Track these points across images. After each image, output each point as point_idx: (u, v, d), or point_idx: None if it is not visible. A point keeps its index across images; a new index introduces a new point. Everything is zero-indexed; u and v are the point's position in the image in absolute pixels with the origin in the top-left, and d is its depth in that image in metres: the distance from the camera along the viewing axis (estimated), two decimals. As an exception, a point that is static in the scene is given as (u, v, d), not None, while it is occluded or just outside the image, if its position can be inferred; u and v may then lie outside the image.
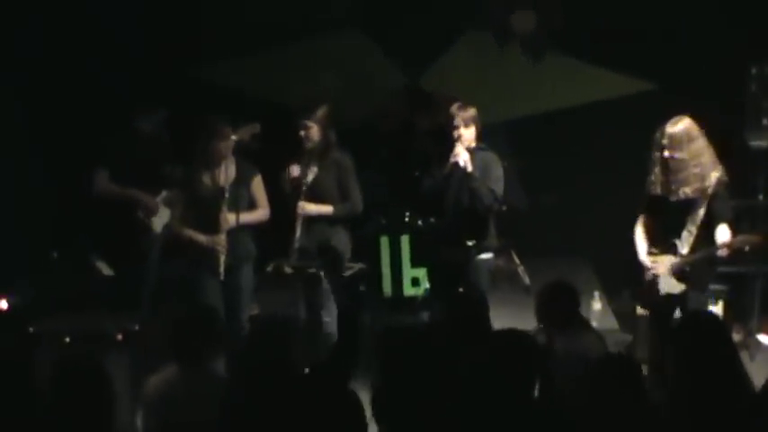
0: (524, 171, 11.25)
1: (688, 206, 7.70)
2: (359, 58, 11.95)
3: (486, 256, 8.34)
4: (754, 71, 9.83)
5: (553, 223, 11.55)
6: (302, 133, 8.31)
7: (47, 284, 9.83)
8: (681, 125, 7.68)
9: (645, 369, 8.06)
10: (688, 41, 10.97)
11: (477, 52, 11.94)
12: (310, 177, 8.31)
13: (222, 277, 7.99)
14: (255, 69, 11.91)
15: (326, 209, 8.36)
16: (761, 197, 9.85)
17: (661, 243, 7.91)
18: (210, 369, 5.86)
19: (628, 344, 9.44)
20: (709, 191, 7.63)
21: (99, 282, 9.49)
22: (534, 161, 11.25)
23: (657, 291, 7.86)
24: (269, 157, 8.23)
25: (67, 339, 8.94)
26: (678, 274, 7.77)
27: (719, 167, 7.68)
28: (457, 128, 8.22)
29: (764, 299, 9.55)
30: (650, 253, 7.93)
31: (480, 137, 8.34)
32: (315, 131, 8.30)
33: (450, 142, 8.26)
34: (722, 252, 7.61)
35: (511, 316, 9.38)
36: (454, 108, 8.30)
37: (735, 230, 7.68)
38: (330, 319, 8.33)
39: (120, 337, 8.69)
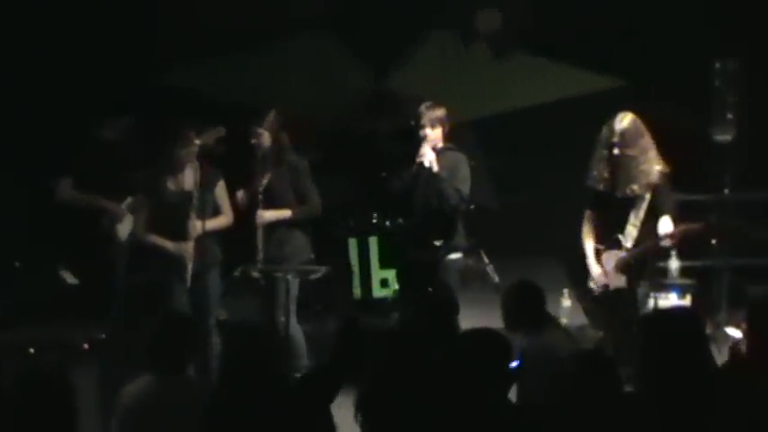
0: (493, 170, 11.26)
1: (632, 201, 7.75)
2: (326, 59, 11.94)
3: (454, 255, 8.33)
4: (718, 66, 9.86)
5: (523, 222, 11.54)
6: (253, 141, 8.29)
7: (11, 294, 9.76)
8: (628, 121, 7.73)
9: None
10: (653, 38, 11.00)
11: (444, 52, 11.94)
12: (264, 183, 8.30)
13: (189, 284, 7.95)
14: (223, 72, 11.88)
15: (284, 213, 8.35)
16: (727, 191, 9.86)
17: (607, 239, 7.96)
18: (185, 377, 5.81)
19: (598, 340, 9.44)
20: (653, 185, 7.68)
21: (64, 291, 9.42)
22: (503, 160, 11.24)
23: (607, 287, 7.91)
24: (236, 160, 8.20)
25: (32, 350, 8.88)
26: (623, 267, 7.81)
27: (661, 161, 7.73)
28: (423, 128, 8.21)
29: (732, 292, 9.58)
30: (597, 250, 7.97)
31: (448, 137, 8.32)
32: (266, 138, 8.30)
33: (417, 143, 8.25)
34: (666, 243, 7.69)
35: (481, 315, 9.35)
36: (422, 108, 8.29)
37: (677, 222, 7.76)
38: (295, 324, 8.33)
39: (86, 346, 8.63)
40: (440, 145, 8.26)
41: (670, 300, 8.95)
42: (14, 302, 9.69)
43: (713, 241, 8.04)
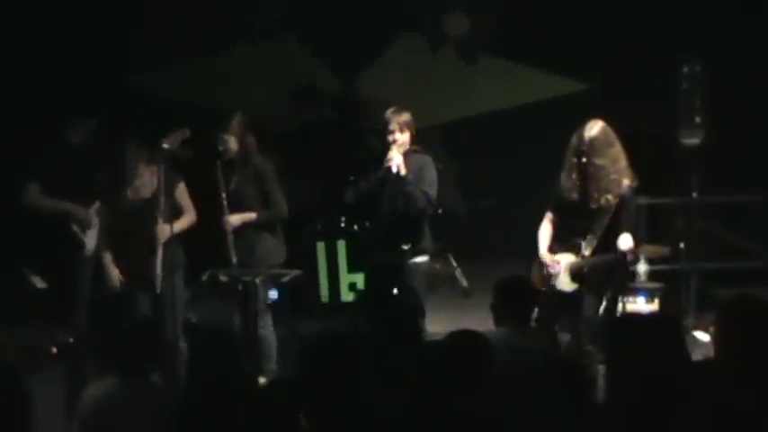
0: (461, 173, 11.27)
1: (595, 210, 7.76)
2: (293, 63, 11.91)
3: (420, 258, 8.31)
4: (685, 69, 9.90)
5: (490, 225, 11.56)
6: (221, 148, 8.27)
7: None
8: (597, 129, 7.73)
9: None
10: (619, 41, 11.04)
11: (411, 55, 11.93)
12: (231, 187, 8.28)
13: (158, 290, 7.93)
14: (189, 77, 11.84)
15: (250, 216, 8.33)
16: (695, 194, 9.90)
17: (564, 242, 7.98)
18: (150, 381, 5.80)
19: (567, 343, 9.46)
20: (621, 196, 7.73)
21: (33, 294, 9.35)
22: (470, 163, 11.26)
23: (551, 286, 7.93)
24: (200, 163, 8.18)
25: (-1, 353, 8.82)
26: (575, 273, 7.84)
27: (631, 173, 7.75)
28: (392, 132, 8.20)
29: (699, 296, 9.62)
30: (551, 250, 8.00)
31: (414, 139, 8.32)
32: (232, 143, 8.30)
33: (383, 146, 8.25)
34: (630, 258, 7.72)
35: (449, 319, 9.39)
36: (389, 112, 8.27)
37: (636, 238, 7.84)
38: (265, 327, 8.31)
39: (54, 350, 8.56)
40: (407, 148, 8.26)
41: (638, 303, 8.97)
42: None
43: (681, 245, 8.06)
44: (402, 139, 8.21)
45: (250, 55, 11.83)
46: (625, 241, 7.74)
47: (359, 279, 9.96)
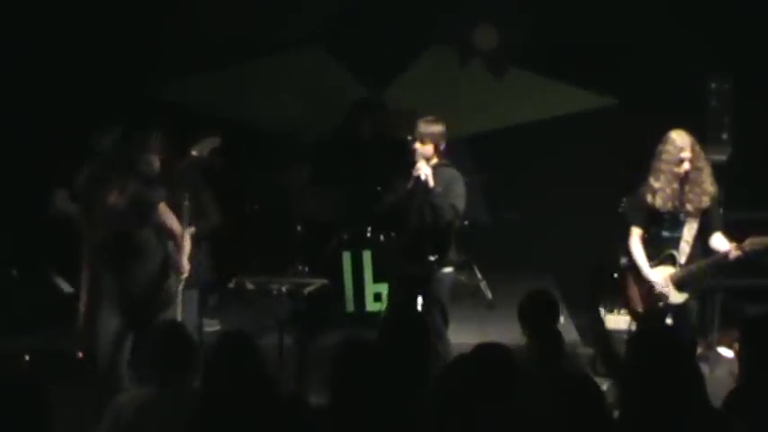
0: (487, 186, 11.28)
1: (689, 217, 7.81)
2: (321, 74, 11.96)
3: (447, 270, 8.33)
4: (713, 86, 9.90)
5: (516, 238, 11.57)
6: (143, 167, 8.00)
7: (7, 302, 9.76)
8: (689, 136, 7.81)
9: (605, 384, 8.18)
10: (648, 57, 11.04)
11: (440, 68, 11.96)
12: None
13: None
14: (217, 87, 11.88)
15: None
16: (722, 210, 9.87)
17: (655, 255, 8.00)
18: (188, 388, 5.66)
19: (590, 357, 9.46)
20: (715, 199, 7.92)
21: (60, 299, 9.40)
22: (497, 176, 11.27)
23: (656, 302, 7.94)
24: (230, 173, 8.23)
25: (27, 358, 8.88)
26: (680, 283, 7.87)
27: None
28: (414, 141, 8.22)
29: (724, 312, 9.59)
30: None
31: (441, 153, 8.33)
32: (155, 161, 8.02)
33: (411, 157, 8.27)
34: (734, 255, 7.73)
35: (473, 331, 9.42)
36: (419, 122, 8.30)
37: (728, 239, 7.86)
38: None
39: (80, 355, 8.60)
40: (434, 160, 8.27)
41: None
42: (11, 310, 9.68)
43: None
44: (423, 149, 8.21)
45: (278, 65, 11.88)
46: (720, 241, 7.84)
47: (384, 289, 9.97)
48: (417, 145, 8.21)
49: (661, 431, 4.40)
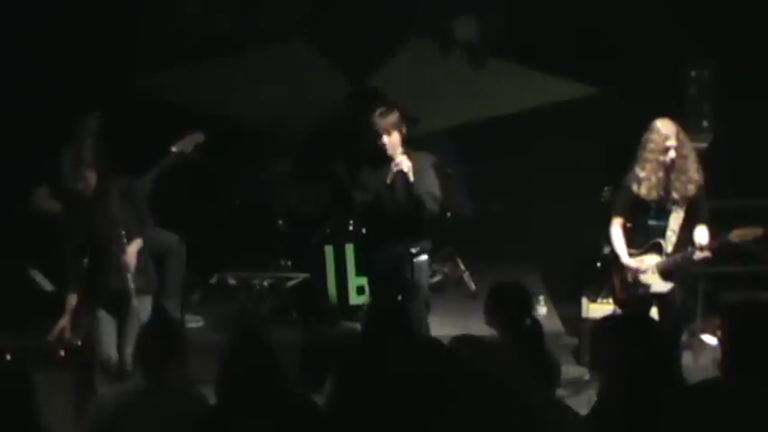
0: (469, 177, 11.26)
1: (676, 206, 7.80)
2: (302, 68, 11.92)
3: (423, 257, 8.29)
4: (693, 74, 9.91)
5: (499, 228, 11.55)
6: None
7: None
8: (673, 124, 7.81)
9: (587, 374, 8.18)
10: (628, 45, 11.02)
11: (420, 59, 11.92)
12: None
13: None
14: (198, 79, 11.85)
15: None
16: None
17: (640, 244, 7.99)
18: (175, 380, 5.64)
19: (573, 347, 9.47)
20: (701, 188, 7.90)
21: (40, 297, 9.36)
22: (479, 167, 11.25)
23: (637, 290, 7.94)
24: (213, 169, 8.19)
25: (8, 356, 8.81)
26: (665, 272, 7.86)
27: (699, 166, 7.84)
28: (380, 137, 8.15)
29: (707, 299, 9.60)
30: (630, 254, 8.01)
31: (405, 140, 8.26)
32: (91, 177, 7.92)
33: (383, 153, 8.19)
34: (698, 256, 7.75)
35: (457, 322, 9.41)
36: (375, 116, 8.19)
37: (713, 230, 7.88)
38: None
39: (62, 353, 8.56)
40: (399, 150, 8.18)
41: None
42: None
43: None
44: (391, 141, 8.15)
45: (260, 58, 11.85)
46: (701, 235, 7.85)
47: (366, 282, 9.96)
48: (385, 139, 8.14)
49: (640, 419, 4.40)
